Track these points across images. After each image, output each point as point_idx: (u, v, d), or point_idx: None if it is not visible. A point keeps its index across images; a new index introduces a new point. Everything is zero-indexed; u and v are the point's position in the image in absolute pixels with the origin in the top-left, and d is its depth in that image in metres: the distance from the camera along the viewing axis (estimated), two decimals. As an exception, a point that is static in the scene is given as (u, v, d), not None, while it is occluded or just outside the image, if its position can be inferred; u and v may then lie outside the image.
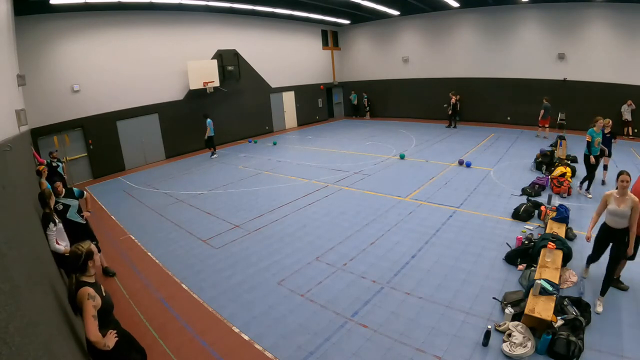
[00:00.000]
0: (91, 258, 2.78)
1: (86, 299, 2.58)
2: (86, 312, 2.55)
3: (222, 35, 16.11)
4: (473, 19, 17.09)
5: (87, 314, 2.54)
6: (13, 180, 3.64)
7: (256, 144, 16.52)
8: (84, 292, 2.61)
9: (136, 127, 13.48)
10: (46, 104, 11.08)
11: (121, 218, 8.34)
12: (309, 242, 6.46)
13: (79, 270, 2.74)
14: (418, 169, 10.54)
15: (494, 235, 6.25)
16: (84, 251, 2.74)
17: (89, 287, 2.68)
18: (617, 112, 13.09)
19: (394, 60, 20.38)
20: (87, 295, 2.60)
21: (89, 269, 2.77)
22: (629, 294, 4.50)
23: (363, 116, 22.17)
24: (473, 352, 3.71)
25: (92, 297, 2.62)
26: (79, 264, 2.72)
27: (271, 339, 4.10)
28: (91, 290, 2.66)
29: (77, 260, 2.72)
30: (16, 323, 1.47)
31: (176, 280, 5.51)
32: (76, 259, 2.72)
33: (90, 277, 2.79)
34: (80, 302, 2.60)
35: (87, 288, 2.65)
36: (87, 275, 2.76)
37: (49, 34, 11.08)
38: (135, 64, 13.21)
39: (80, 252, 2.73)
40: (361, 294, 4.83)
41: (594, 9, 13.78)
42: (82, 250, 2.75)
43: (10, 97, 5.94)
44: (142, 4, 12.62)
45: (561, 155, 10.31)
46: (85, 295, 2.59)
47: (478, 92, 17.48)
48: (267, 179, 10.64)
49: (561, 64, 14.95)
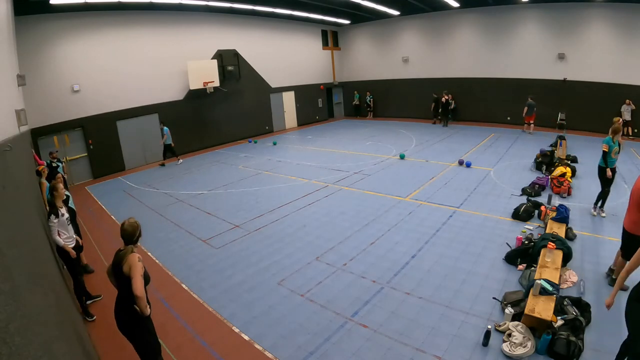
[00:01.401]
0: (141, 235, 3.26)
1: (137, 261, 3.02)
2: (137, 271, 2.98)
3: (222, 35, 16.12)
4: (473, 19, 17.09)
5: (137, 273, 2.98)
6: (13, 180, 3.64)
7: (256, 144, 16.52)
8: (135, 256, 3.06)
9: (136, 127, 13.49)
10: (46, 104, 11.08)
11: (121, 218, 8.32)
12: (309, 242, 6.46)
13: (134, 243, 3.17)
14: (418, 169, 10.54)
15: (494, 235, 6.25)
16: (139, 226, 3.22)
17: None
18: (617, 112, 13.08)
19: (394, 60, 20.38)
20: (138, 258, 3.06)
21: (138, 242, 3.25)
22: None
23: (365, 116, 22.18)
24: (473, 352, 3.71)
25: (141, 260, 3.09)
26: (136, 237, 3.18)
27: (271, 339, 4.10)
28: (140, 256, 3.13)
29: (134, 233, 3.16)
30: (16, 323, 1.47)
31: (176, 280, 5.52)
32: (133, 232, 3.15)
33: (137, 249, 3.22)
34: (130, 264, 2.99)
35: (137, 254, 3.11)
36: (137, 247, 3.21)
37: (49, 34, 11.09)
38: (135, 64, 13.22)
39: (137, 225, 3.19)
40: (361, 294, 4.83)
41: (594, 9, 13.79)
42: (138, 224, 3.22)
43: (10, 97, 5.94)
44: (142, 4, 12.63)
45: (561, 155, 10.32)
46: (136, 258, 3.04)
47: (478, 92, 17.49)
48: (267, 179, 10.65)
49: (561, 64, 14.95)
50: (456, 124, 17.79)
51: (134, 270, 2.96)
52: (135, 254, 3.08)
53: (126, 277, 2.99)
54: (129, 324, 3.10)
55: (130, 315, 3.05)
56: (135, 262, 3.00)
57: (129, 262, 3.00)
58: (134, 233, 3.15)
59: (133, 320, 3.07)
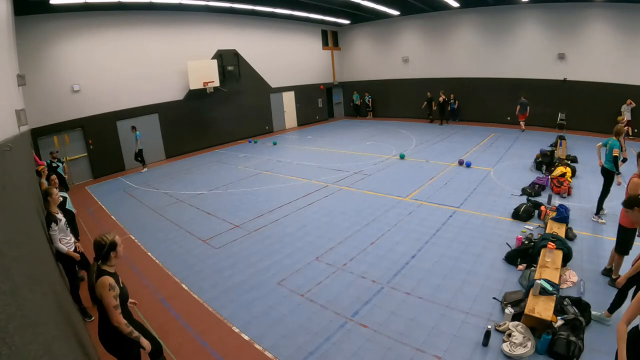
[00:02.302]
0: (114, 249, 2.87)
1: (107, 290, 2.70)
2: (108, 304, 2.70)
3: (222, 35, 16.11)
4: (473, 19, 17.09)
5: (109, 305, 2.69)
6: (13, 181, 3.64)
7: (256, 144, 16.52)
8: (105, 282, 2.72)
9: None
10: (46, 104, 11.08)
11: (121, 218, 8.34)
12: (309, 242, 6.46)
13: (102, 259, 2.84)
14: (418, 169, 10.54)
15: (494, 235, 6.25)
16: (108, 242, 2.84)
17: (109, 276, 2.78)
18: (617, 112, 13.08)
19: (394, 60, 20.37)
20: (108, 285, 2.72)
21: (111, 259, 2.88)
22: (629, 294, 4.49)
23: (365, 116, 22.17)
24: (473, 352, 3.71)
25: (113, 288, 2.74)
26: (102, 254, 2.82)
27: (271, 339, 4.10)
28: (112, 280, 2.77)
29: (101, 250, 2.82)
30: (16, 323, 1.47)
31: (176, 280, 5.52)
32: (99, 249, 2.82)
33: (111, 267, 2.90)
34: (100, 291, 2.71)
35: (107, 277, 2.76)
36: (108, 265, 2.87)
37: (49, 34, 11.08)
38: (136, 64, 13.21)
39: (104, 243, 2.83)
40: (361, 294, 4.83)
41: (594, 9, 13.78)
42: (106, 241, 2.84)
43: (10, 97, 5.94)
44: (142, 4, 12.63)
45: (561, 155, 10.32)
46: (106, 286, 2.71)
47: (478, 92, 17.49)
48: (267, 179, 10.65)
49: (561, 64, 14.95)
50: (456, 124, 17.80)
51: (105, 301, 2.71)
52: (106, 277, 2.75)
53: (99, 299, 2.76)
54: (107, 342, 2.90)
55: (108, 334, 2.85)
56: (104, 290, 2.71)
57: (98, 288, 2.72)
58: (99, 248, 2.82)
59: (111, 339, 2.88)
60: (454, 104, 18.05)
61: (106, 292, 2.70)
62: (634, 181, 4.43)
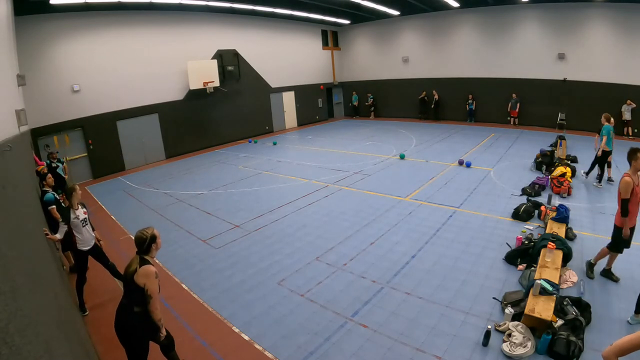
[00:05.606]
0: (154, 241, 3.07)
1: (153, 277, 2.92)
2: (154, 291, 2.92)
3: (222, 35, 16.11)
4: (473, 19, 17.09)
5: (155, 292, 2.93)
6: (13, 181, 3.64)
7: (256, 144, 16.52)
8: (151, 270, 2.93)
9: (136, 127, 13.49)
10: (46, 104, 11.08)
11: (121, 218, 8.34)
12: (309, 242, 6.46)
13: (144, 252, 3.02)
14: (418, 169, 10.54)
15: (494, 235, 6.25)
16: (149, 235, 3.03)
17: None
18: (618, 112, 13.08)
19: (394, 60, 20.37)
20: (154, 273, 2.94)
21: (152, 251, 3.07)
22: (629, 294, 4.49)
23: (365, 116, 22.15)
24: (473, 352, 3.71)
25: (157, 276, 2.97)
26: (144, 247, 3.01)
27: (271, 339, 4.10)
28: (155, 269, 2.98)
29: (143, 243, 3.00)
30: (16, 323, 1.47)
31: (176, 280, 5.52)
32: (142, 243, 3.00)
33: (152, 258, 3.09)
34: (144, 279, 2.90)
35: (152, 267, 2.96)
36: (150, 256, 3.06)
37: (49, 34, 11.08)
38: (136, 64, 13.21)
39: (145, 237, 3.00)
40: (361, 294, 4.83)
41: (594, 9, 13.78)
42: (147, 234, 3.02)
43: (10, 97, 5.94)
44: (142, 4, 12.63)
45: (561, 155, 10.32)
46: (152, 274, 2.92)
47: (478, 92, 17.49)
48: (267, 179, 10.64)
49: (561, 63, 14.95)
50: (463, 124, 17.81)
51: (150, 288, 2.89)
52: (151, 267, 2.94)
53: (135, 286, 2.91)
54: (126, 329, 3.02)
55: (130, 321, 2.98)
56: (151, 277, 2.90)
57: (143, 276, 2.89)
58: (141, 242, 2.99)
59: (131, 326, 3.00)
60: (472, 104, 17.81)
61: (152, 280, 2.90)
62: (624, 180, 4.40)
